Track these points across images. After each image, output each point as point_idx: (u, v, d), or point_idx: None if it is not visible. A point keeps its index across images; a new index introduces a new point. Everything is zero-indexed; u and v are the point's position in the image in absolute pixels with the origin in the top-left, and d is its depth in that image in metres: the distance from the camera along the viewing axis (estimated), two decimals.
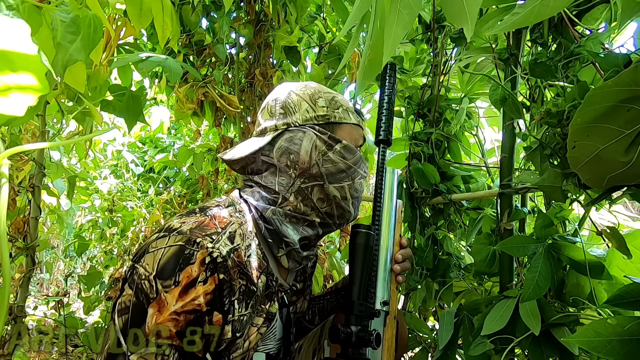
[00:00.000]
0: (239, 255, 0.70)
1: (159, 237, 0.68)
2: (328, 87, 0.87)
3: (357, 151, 0.83)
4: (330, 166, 0.79)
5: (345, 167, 0.80)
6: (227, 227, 0.72)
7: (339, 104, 0.83)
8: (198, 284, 0.64)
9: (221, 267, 0.66)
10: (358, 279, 0.73)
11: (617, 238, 0.74)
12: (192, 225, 0.69)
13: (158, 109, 2.78)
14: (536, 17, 0.42)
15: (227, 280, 0.67)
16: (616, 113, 0.54)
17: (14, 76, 0.27)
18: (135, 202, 3.18)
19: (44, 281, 5.10)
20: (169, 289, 0.63)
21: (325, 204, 0.80)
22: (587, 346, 0.58)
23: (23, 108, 0.28)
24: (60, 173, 1.49)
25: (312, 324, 1.00)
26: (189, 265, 0.64)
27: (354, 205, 0.83)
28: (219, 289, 0.66)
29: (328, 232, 0.85)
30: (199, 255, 0.65)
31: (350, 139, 0.83)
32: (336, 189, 0.80)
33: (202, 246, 0.66)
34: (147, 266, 0.65)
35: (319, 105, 0.81)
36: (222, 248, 0.67)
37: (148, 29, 1.61)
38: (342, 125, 0.82)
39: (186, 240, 0.66)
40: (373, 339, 0.69)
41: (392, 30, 0.37)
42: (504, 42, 1.02)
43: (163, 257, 0.65)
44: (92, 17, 0.48)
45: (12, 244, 1.42)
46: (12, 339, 1.38)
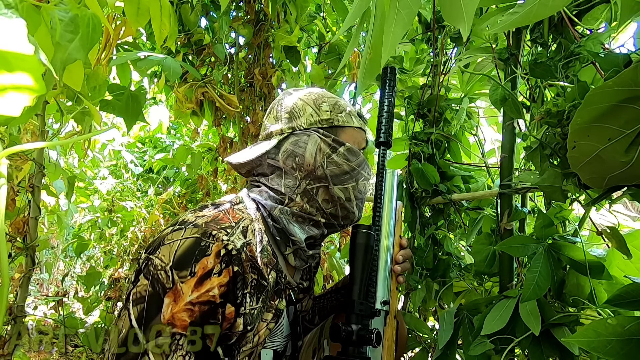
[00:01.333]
0: (251, 250, 0.72)
1: (175, 230, 0.69)
2: (327, 87, 0.88)
3: (360, 153, 0.84)
4: (334, 168, 0.81)
5: (349, 169, 0.82)
6: (240, 222, 0.73)
7: (342, 107, 0.85)
8: (213, 275, 0.65)
9: (235, 259, 0.68)
10: (358, 279, 0.74)
11: (617, 238, 0.74)
12: (207, 219, 0.70)
13: (157, 108, 2.78)
14: (535, 16, 0.42)
15: (241, 273, 0.68)
16: (616, 113, 0.54)
17: (10, 76, 0.27)
18: (135, 202, 3.18)
19: (43, 281, 5.10)
20: (185, 279, 0.64)
21: (330, 204, 0.81)
22: (587, 346, 0.57)
23: (19, 108, 0.28)
24: (59, 173, 1.49)
25: (311, 324, 1.00)
26: (205, 256, 0.65)
27: (357, 207, 0.84)
28: (233, 282, 0.67)
29: (333, 232, 0.87)
30: (214, 248, 0.66)
31: (353, 141, 0.84)
32: (340, 190, 0.81)
33: (218, 238, 0.67)
34: (164, 257, 0.66)
35: (323, 109, 0.83)
36: (236, 241, 0.69)
37: (147, 28, 1.60)
38: (345, 129, 0.84)
39: (202, 233, 0.67)
40: (374, 338, 0.69)
41: (391, 29, 0.37)
42: (504, 42, 1.01)
43: (179, 248, 0.66)
44: (91, 16, 0.48)
45: (12, 244, 1.42)
46: (12, 339, 1.38)
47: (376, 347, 0.71)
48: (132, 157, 3.19)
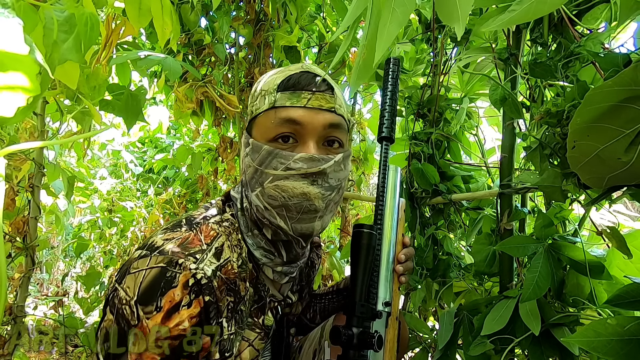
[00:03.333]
0: (227, 271, 0.66)
1: (141, 257, 0.63)
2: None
3: (264, 146, 0.69)
4: (248, 172, 0.72)
5: (253, 171, 0.71)
6: (213, 242, 0.67)
7: (258, 91, 0.73)
8: (182, 308, 0.59)
9: (206, 288, 0.62)
10: (360, 280, 0.70)
11: (617, 238, 0.74)
12: (175, 243, 0.64)
13: (157, 108, 2.78)
14: (534, 13, 0.42)
15: (213, 302, 0.63)
16: (616, 113, 0.53)
17: (4, 76, 0.27)
18: (135, 202, 3.18)
19: (43, 281, 5.09)
20: (151, 314, 0.58)
21: (258, 215, 0.72)
22: (587, 346, 0.57)
23: (13, 109, 0.28)
24: (58, 173, 1.48)
25: (313, 323, 1.00)
26: (171, 289, 0.59)
27: (284, 218, 0.69)
28: (205, 312, 0.62)
29: (291, 247, 0.76)
30: (181, 278, 0.60)
31: (263, 131, 0.70)
32: (257, 198, 0.71)
33: (185, 267, 0.61)
34: (128, 289, 0.61)
35: (251, 102, 0.75)
36: (207, 268, 0.63)
37: (147, 28, 1.60)
38: (256, 119, 0.72)
39: (168, 262, 0.61)
40: (375, 342, 0.67)
41: (385, 28, 0.37)
42: (504, 42, 1.01)
43: (144, 280, 0.60)
44: (89, 15, 0.48)
45: (12, 244, 1.42)
46: (12, 339, 1.38)
47: (377, 351, 0.69)
48: (132, 157, 3.19)
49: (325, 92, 0.70)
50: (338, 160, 0.70)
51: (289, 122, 0.68)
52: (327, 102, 0.70)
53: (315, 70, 0.74)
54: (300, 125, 0.68)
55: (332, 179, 0.70)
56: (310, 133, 0.69)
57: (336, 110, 0.71)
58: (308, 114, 0.69)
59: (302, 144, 0.69)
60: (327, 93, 0.71)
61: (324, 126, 0.70)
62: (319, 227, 0.72)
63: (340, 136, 0.73)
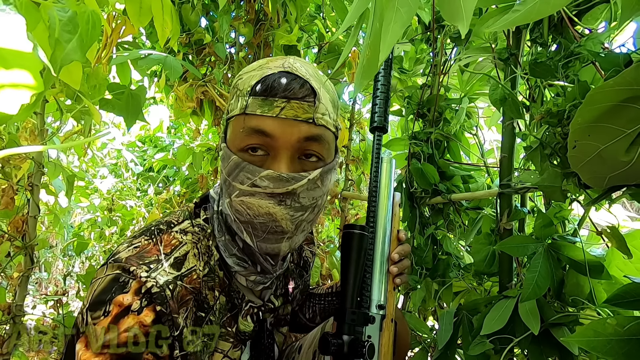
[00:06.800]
0: (191, 280, 0.63)
1: (102, 265, 0.63)
2: None
3: (232, 156, 0.64)
4: (222, 178, 0.68)
5: (224, 180, 0.67)
6: (173, 252, 0.64)
7: (234, 88, 0.68)
8: (131, 313, 0.56)
9: (158, 298, 0.58)
10: (351, 285, 0.66)
11: (617, 238, 0.74)
12: (131, 252, 0.62)
13: (157, 108, 2.77)
14: (537, 14, 0.42)
15: (166, 313, 0.59)
16: (617, 113, 0.54)
17: (7, 73, 0.27)
18: (135, 202, 3.18)
19: (42, 280, 5.09)
20: (98, 320, 0.56)
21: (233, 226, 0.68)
22: (587, 346, 0.57)
23: (17, 106, 0.28)
24: (58, 172, 1.48)
25: (313, 323, 0.99)
26: (122, 293, 0.57)
27: (250, 234, 0.64)
28: (157, 322, 0.58)
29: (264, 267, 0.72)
30: (134, 284, 0.58)
31: (233, 138, 0.65)
32: (228, 206, 0.66)
33: (136, 275, 0.59)
34: (85, 298, 0.60)
35: (229, 98, 0.70)
36: (160, 277, 0.60)
37: (147, 27, 1.60)
38: (230, 122, 0.67)
39: (122, 269, 0.60)
40: (366, 351, 0.64)
41: (389, 28, 0.37)
42: (503, 42, 1.01)
43: (98, 287, 0.59)
44: (91, 13, 0.48)
45: (11, 243, 1.42)
46: (11, 338, 1.38)
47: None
48: (132, 156, 3.19)
49: (303, 100, 0.62)
50: (313, 178, 0.63)
51: (259, 132, 0.62)
52: (305, 112, 0.62)
53: (299, 69, 0.65)
54: (270, 138, 0.61)
55: (305, 198, 0.64)
56: (283, 147, 0.62)
57: (316, 120, 0.62)
58: (280, 125, 0.61)
59: (273, 157, 0.63)
60: (306, 101, 0.62)
61: (299, 140, 0.62)
62: (287, 248, 0.66)
63: (319, 149, 0.65)
